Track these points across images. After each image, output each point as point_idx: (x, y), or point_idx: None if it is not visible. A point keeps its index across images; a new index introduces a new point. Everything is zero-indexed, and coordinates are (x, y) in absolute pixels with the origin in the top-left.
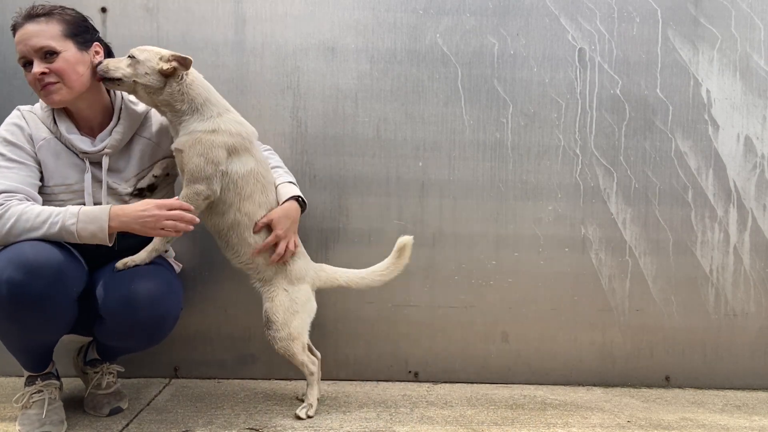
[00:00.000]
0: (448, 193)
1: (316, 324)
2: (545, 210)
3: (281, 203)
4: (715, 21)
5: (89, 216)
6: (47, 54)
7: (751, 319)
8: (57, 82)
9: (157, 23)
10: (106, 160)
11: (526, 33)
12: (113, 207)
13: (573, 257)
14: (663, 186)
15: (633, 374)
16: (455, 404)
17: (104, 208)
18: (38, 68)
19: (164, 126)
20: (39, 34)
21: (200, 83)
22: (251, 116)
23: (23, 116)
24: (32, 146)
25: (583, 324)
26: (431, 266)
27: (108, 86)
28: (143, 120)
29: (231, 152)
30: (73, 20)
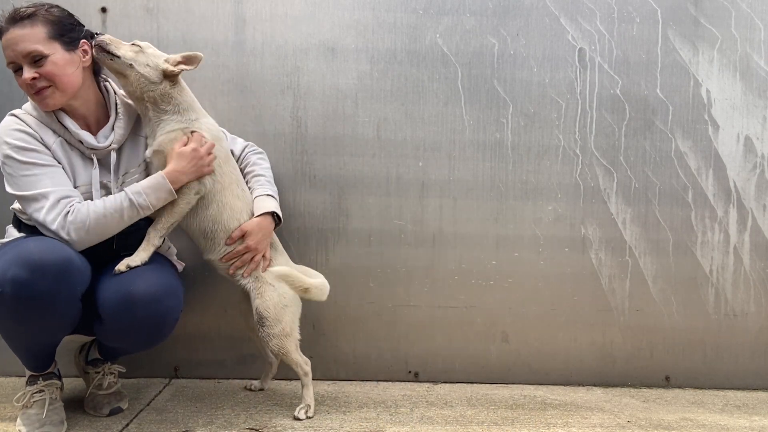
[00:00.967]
0: (448, 193)
1: (317, 323)
2: (545, 210)
3: (256, 215)
4: (715, 21)
5: (152, 187)
6: (35, 59)
7: (751, 319)
8: (49, 86)
9: (157, 23)
10: (114, 155)
11: (526, 33)
12: (160, 172)
13: (573, 257)
14: (663, 186)
15: (633, 374)
16: (455, 404)
17: (156, 176)
18: (28, 74)
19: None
20: (25, 39)
21: (188, 92)
22: (251, 116)
23: (24, 121)
24: (47, 149)
25: (583, 324)
26: (431, 266)
27: (100, 59)
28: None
29: None
30: (58, 20)
